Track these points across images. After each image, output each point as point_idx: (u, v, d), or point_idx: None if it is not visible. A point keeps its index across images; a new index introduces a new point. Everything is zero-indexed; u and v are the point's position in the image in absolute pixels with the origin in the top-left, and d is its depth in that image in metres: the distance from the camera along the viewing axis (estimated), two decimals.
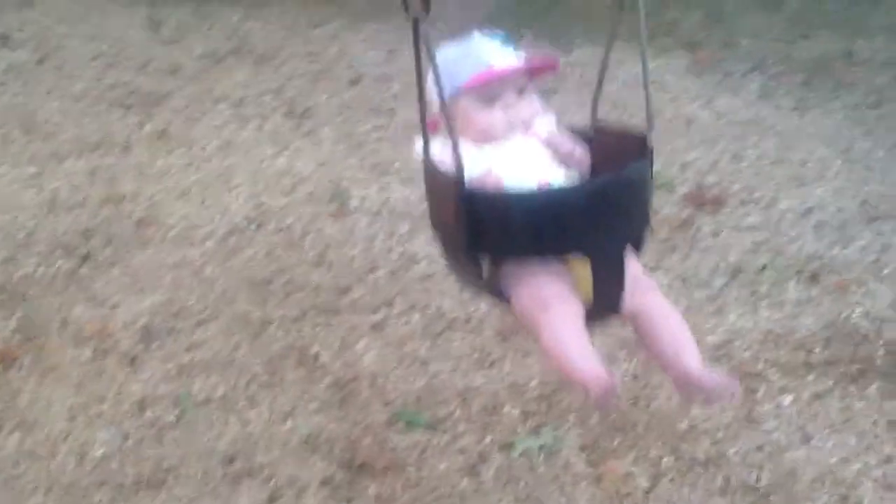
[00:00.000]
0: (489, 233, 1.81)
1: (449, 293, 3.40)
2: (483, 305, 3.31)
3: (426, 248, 3.69)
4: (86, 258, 3.68)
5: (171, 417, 2.84)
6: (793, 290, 3.35)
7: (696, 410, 2.80)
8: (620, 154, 1.93)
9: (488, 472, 2.65)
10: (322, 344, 3.16)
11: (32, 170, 4.42)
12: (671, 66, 5.55)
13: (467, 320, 3.27)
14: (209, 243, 3.79)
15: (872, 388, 2.84)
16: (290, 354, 3.12)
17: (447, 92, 1.78)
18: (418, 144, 1.90)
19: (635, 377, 2.96)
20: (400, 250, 3.71)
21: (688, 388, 1.83)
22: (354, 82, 5.50)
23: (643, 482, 2.61)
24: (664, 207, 3.93)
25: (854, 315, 3.19)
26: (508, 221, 1.81)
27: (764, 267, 3.47)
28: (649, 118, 1.93)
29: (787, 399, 2.85)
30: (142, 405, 2.89)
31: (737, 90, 5.17)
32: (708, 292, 3.38)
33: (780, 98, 5.04)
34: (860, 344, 3.04)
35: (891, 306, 3.23)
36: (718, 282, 3.42)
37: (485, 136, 1.94)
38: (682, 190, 4.06)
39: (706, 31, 6.13)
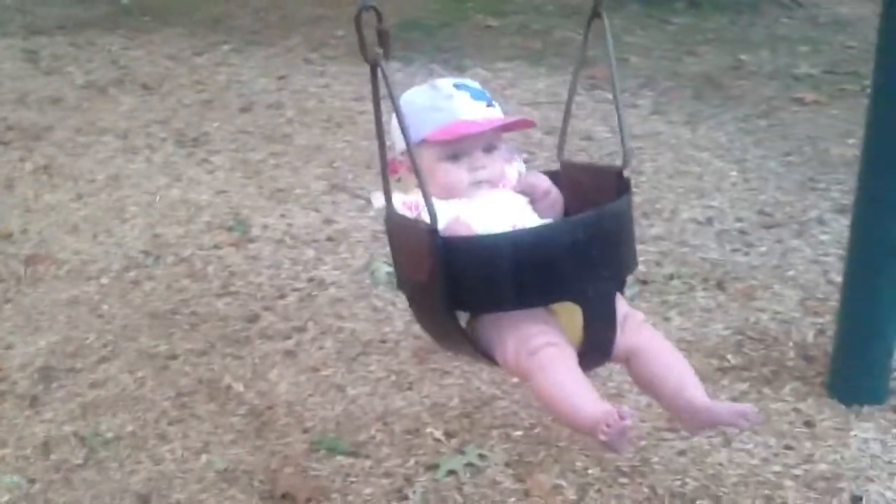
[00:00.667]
0: (469, 285, 1.67)
1: (361, 316, 3.34)
2: (398, 325, 3.27)
3: (334, 272, 3.63)
4: None
5: (79, 459, 2.67)
6: (701, 298, 3.41)
7: None
8: (593, 192, 1.86)
9: (415, 495, 2.58)
10: (233, 375, 3.05)
11: None
12: (566, 82, 5.63)
13: (382, 342, 3.21)
14: (105, 278, 3.63)
15: (787, 389, 2.90)
16: (200, 388, 2.99)
17: (408, 141, 1.65)
18: (377, 197, 1.77)
19: None
20: (307, 276, 3.63)
21: (697, 420, 1.75)
22: (246, 109, 5.41)
23: (570, 494, 2.58)
24: None
25: (762, 319, 3.26)
26: (492, 269, 1.66)
27: (671, 276, 3.53)
28: (625, 153, 1.87)
29: None
30: (46, 448, 2.71)
31: (630, 106, 5.29)
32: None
33: (672, 113, 5.18)
34: (771, 346, 3.11)
35: (796, 308, 3.32)
36: (628, 292, 3.44)
37: (447, 193, 1.82)
38: None
39: (594, 48, 6.25)
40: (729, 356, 3.07)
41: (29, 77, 6.05)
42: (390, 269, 3.44)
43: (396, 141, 1.84)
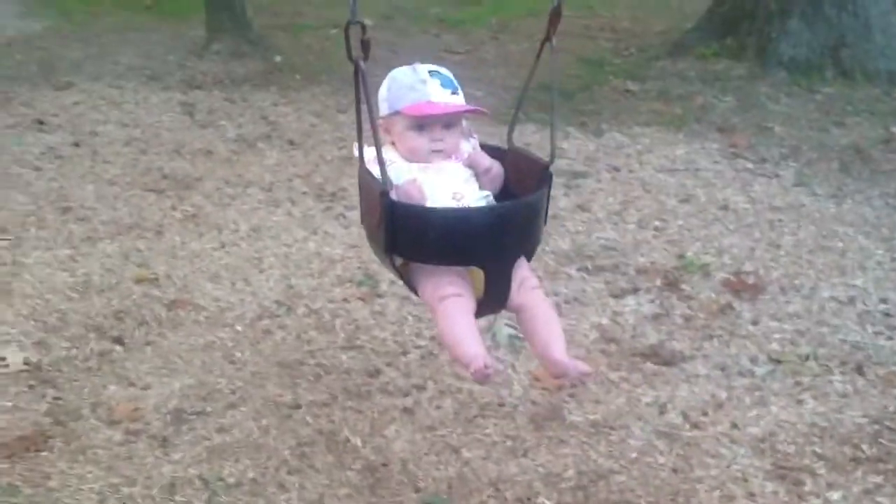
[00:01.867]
0: (405, 240, 2.09)
1: None
2: (516, 389, 3.25)
3: None
4: (118, 340, 3.66)
5: (201, 502, 2.76)
6: (837, 382, 3.26)
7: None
8: (528, 176, 2.28)
9: None
10: (352, 428, 3.10)
11: (66, 252, 4.44)
12: (705, 150, 5.57)
13: (500, 405, 3.20)
14: (240, 325, 3.77)
15: None
16: (320, 439, 3.05)
17: (388, 109, 2.26)
18: (356, 148, 2.16)
19: (675, 470, 2.87)
20: (430, 334, 3.66)
21: (555, 372, 2.17)
22: None
23: None
24: (701, 292, 3.88)
25: None
26: (423, 235, 2.09)
27: (807, 357, 3.39)
28: (553, 149, 2.24)
29: (836, 495, 2.74)
30: (172, 488, 2.82)
31: (772, 176, 5.16)
32: (748, 382, 3.30)
33: (816, 185, 5.02)
34: None
35: None
36: (760, 371, 3.34)
37: (411, 156, 2.27)
38: (720, 275, 4.01)
39: (739, 115, 6.16)
40: (864, 446, 2.92)
41: (185, 129, 6.38)
42: (512, 332, 3.48)
43: (380, 108, 2.31)
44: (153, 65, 8.16)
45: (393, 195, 2.07)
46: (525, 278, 2.23)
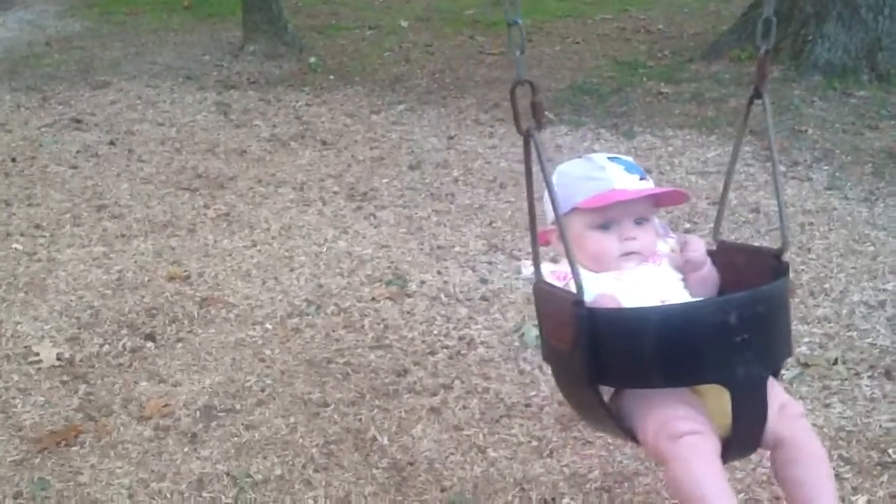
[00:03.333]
0: (614, 359, 1.63)
1: (508, 378, 3.36)
2: (543, 390, 3.26)
3: (484, 332, 3.67)
4: (149, 337, 3.71)
5: (229, 498, 2.80)
6: (866, 386, 3.23)
7: None
8: (749, 274, 1.81)
9: None
10: (379, 427, 3.12)
11: (101, 249, 4.52)
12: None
13: (527, 405, 3.21)
14: (269, 324, 3.81)
15: None
16: (347, 437, 3.08)
17: (563, 207, 1.69)
18: (526, 266, 1.80)
19: None
20: (458, 334, 3.68)
21: None
22: (414, 167, 5.57)
23: None
24: None
25: None
26: (637, 346, 1.61)
27: (836, 361, 3.36)
28: (784, 237, 1.82)
29: (861, 499, 2.72)
30: (200, 484, 2.86)
31: (804, 179, 5.12)
32: None
33: (848, 189, 4.97)
34: None
35: None
36: (788, 375, 3.32)
37: (595, 263, 1.84)
38: None
39: (773, 118, 6.09)
40: (891, 451, 2.89)
41: (220, 128, 6.46)
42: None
43: (548, 210, 1.85)
44: (190, 65, 8.27)
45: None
46: (785, 403, 1.76)
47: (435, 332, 3.71)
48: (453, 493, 2.80)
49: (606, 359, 1.64)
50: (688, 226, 4.53)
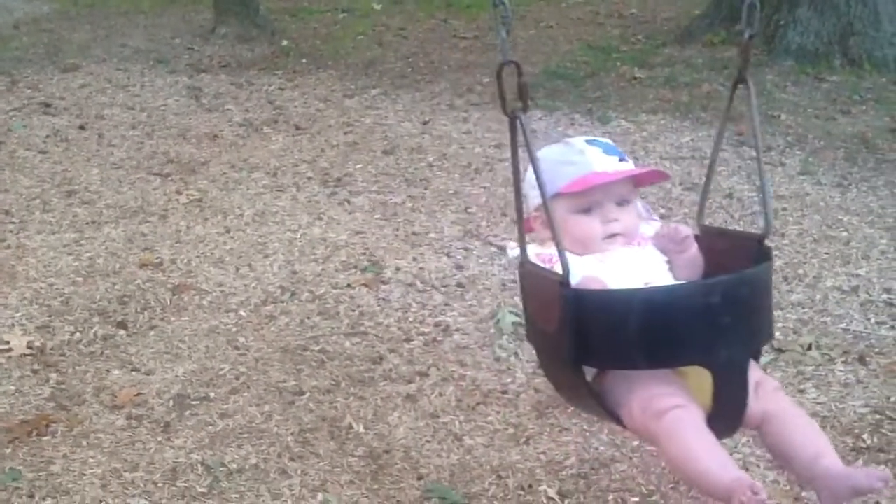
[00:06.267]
0: (597, 340, 1.65)
1: (484, 365, 3.35)
2: (519, 377, 3.26)
3: (460, 319, 3.65)
4: (121, 324, 3.67)
5: (203, 488, 2.77)
6: (840, 372, 3.26)
7: None
8: (732, 258, 1.82)
9: None
10: (355, 415, 3.10)
11: (71, 236, 4.45)
12: (711, 137, 5.55)
13: (503, 392, 3.21)
14: (243, 311, 3.77)
15: None
16: (322, 426, 3.06)
17: (546, 193, 1.69)
18: (512, 248, 1.80)
19: None
20: (434, 321, 3.66)
21: (835, 490, 1.66)
22: (388, 152, 5.54)
23: None
24: None
25: None
26: (622, 327, 1.63)
27: (809, 346, 3.38)
28: (767, 221, 1.83)
29: None
30: (174, 474, 2.83)
31: (777, 164, 5.14)
32: None
33: (821, 174, 5.01)
34: None
35: None
36: (762, 360, 3.33)
37: (580, 246, 1.85)
38: None
39: (742, 105, 6.13)
40: (865, 436, 2.92)
41: (191, 113, 6.39)
42: (516, 319, 3.47)
43: (530, 196, 1.87)
44: (160, 48, 8.18)
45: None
46: (761, 381, 1.78)
47: (410, 318, 3.69)
48: (430, 481, 2.79)
49: (591, 340, 1.64)
50: (662, 211, 4.54)
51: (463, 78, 7.03)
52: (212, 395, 3.23)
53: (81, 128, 6.03)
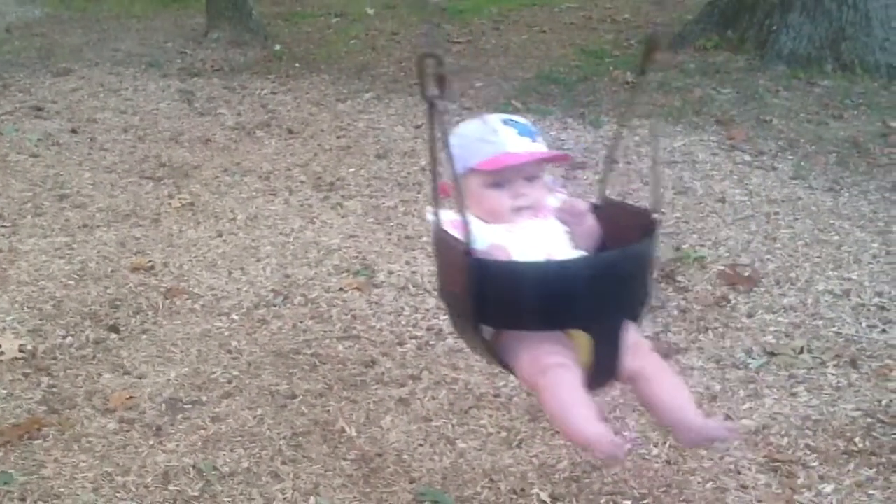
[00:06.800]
0: (495, 305, 1.83)
1: (476, 368, 3.34)
2: (512, 380, 3.26)
3: None
4: (113, 328, 3.66)
5: (195, 491, 2.77)
6: (831, 375, 3.27)
7: (730, 496, 2.71)
8: (628, 229, 2.01)
9: None
10: (347, 419, 3.10)
11: (63, 239, 4.44)
12: (703, 142, 5.57)
13: (496, 396, 3.21)
14: (236, 315, 3.77)
15: None
16: (315, 429, 3.06)
17: (461, 167, 1.91)
18: (430, 213, 1.97)
19: (668, 462, 2.88)
20: (427, 324, 3.66)
21: (692, 436, 1.89)
22: (381, 156, 5.54)
23: None
24: (697, 285, 3.88)
25: None
26: (516, 294, 1.83)
27: (801, 350, 3.39)
28: (655, 196, 2.00)
29: (828, 488, 2.74)
30: (166, 477, 2.83)
31: (769, 169, 5.16)
32: (743, 374, 3.30)
33: (813, 178, 5.02)
34: None
35: None
36: (754, 364, 3.34)
37: (491, 216, 2.02)
38: (715, 268, 4.02)
39: (738, 108, 6.15)
40: (857, 439, 2.92)
41: (184, 117, 6.38)
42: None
43: (448, 168, 2.01)
44: (152, 52, 8.16)
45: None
46: (637, 343, 1.97)
47: (403, 322, 3.69)
48: (422, 485, 2.79)
49: (489, 304, 1.83)
50: (655, 216, 4.54)
51: (455, 82, 7.03)
52: (204, 398, 3.22)
53: (73, 131, 6.01)
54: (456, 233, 1.85)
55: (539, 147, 2.07)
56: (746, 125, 5.80)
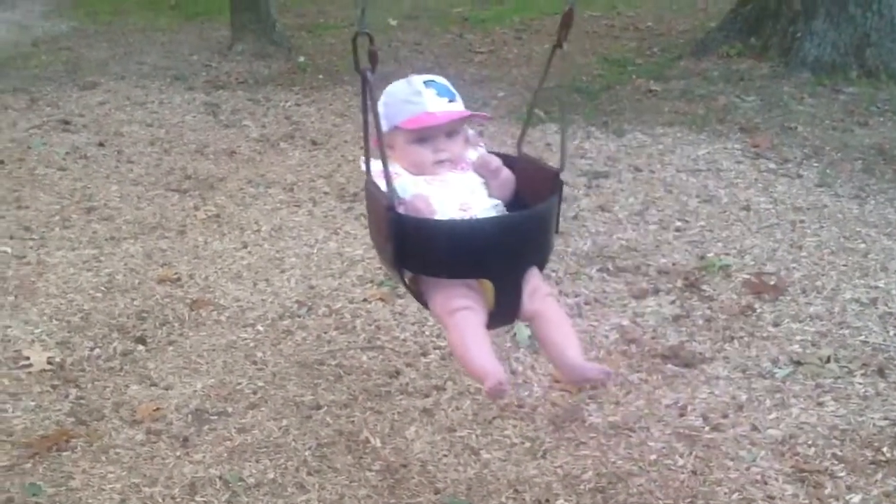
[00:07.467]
0: (413, 255, 2.08)
1: None
2: (536, 390, 3.26)
3: None
4: (140, 340, 3.69)
5: (221, 502, 2.79)
6: (859, 384, 3.24)
7: None
8: (539, 183, 2.24)
9: None
10: (372, 429, 3.11)
11: (90, 252, 4.49)
12: (727, 150, 5.55)
13: (520, 406, 3.21)
14: (261, 326, 3.79)
15: None
16: (340, 440, 3.07)
17: (388, 125, 2.20)
18: (362, 162, 2.15)
19: (694, 472, 2.86)
20: None
21: (572, 376, 2.16)
22: None
23: None
24: (722, 293, 3.87)
25: None
26: (430, 248, 2.08)
27: (828, 359, 3.37)
28: (563, 156, 2.20)
29: (856, 498, 2.72)
30: (192, 488, 2.85)
31: (794, 177, 5.13)
32: (769, 383, 3.28)
33: (839, 186, 4.98)
34: None
35: None
36: (780, 373, 3.32)
37: (415, 168, 2.25)
38: (741, 276, 4.00)
39: (762, 115, 6.13)
40: (885, 449, 2.90)
41: (209, 129, 6.43)
42: (532, 333, 3.46)
43: (381, 125, 2.21)
44: (178, 65, 8.24)
45: (400, 209, 2.06)
46: (537, 287, 2.19)
47: (427, 332, 3.70)
48: (447, 496, 2.80)
49: (407, 253, 2.07)
50: (678, 223, 4.54)
51: (477, 92, 7.04)
52: (230, 409, 3.24)
53: (100, 145, 6.08)
54: (382, 184, 2.05)
55: (457, 107, 2.27)
56: (771, 133, 5.77)
